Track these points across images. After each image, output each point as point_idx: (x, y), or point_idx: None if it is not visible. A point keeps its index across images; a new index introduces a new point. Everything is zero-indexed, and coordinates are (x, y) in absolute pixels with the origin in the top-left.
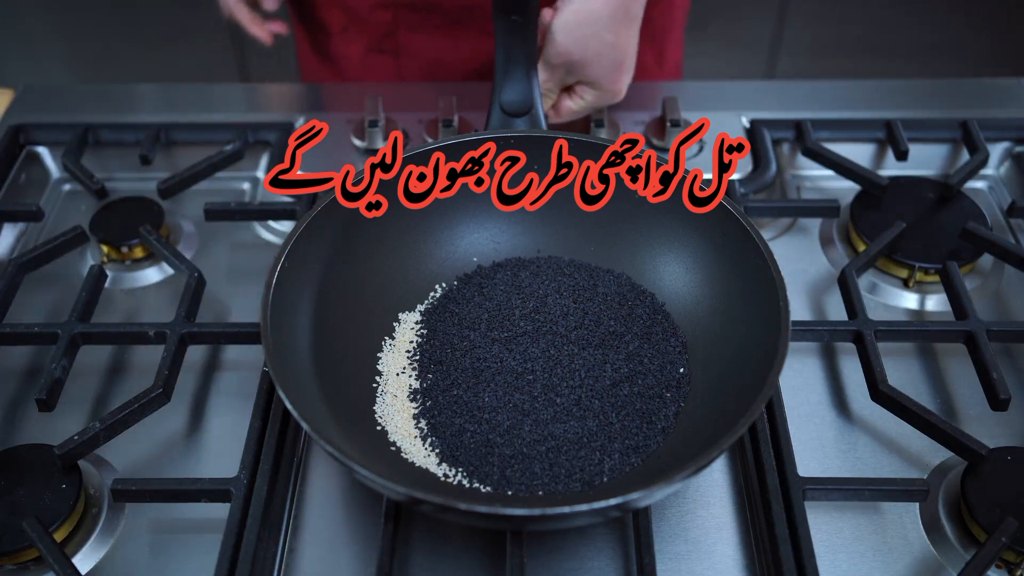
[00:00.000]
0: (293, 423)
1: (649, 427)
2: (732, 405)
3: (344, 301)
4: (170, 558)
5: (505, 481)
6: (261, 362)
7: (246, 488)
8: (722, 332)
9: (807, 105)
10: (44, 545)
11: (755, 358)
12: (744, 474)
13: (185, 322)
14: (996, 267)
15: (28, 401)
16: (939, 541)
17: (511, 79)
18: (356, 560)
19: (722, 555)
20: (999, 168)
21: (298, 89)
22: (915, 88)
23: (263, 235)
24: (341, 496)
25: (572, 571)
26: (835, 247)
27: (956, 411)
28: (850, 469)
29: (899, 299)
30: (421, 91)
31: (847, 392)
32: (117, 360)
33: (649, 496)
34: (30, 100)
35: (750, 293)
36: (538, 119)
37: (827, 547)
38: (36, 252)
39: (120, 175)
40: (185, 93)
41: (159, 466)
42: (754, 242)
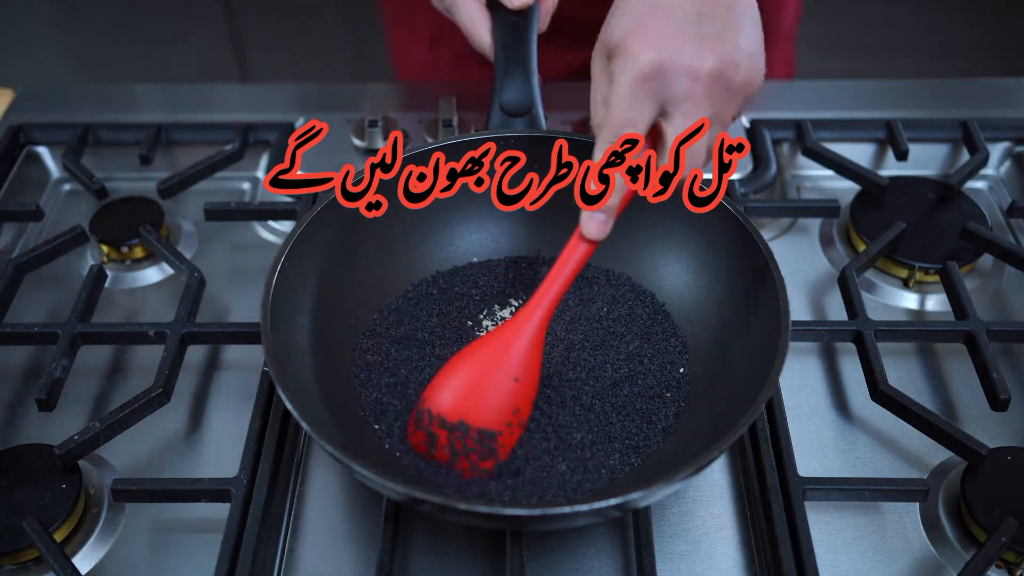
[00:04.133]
0: (293, 423)
1: (649, 427)
2: (732, 405)
3: (344, 301)
4: (170, 558)
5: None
6: (261, 362)
7: (246, 488)
8: (722, 332)
9: (807, 105)
10: (44, 545)
11: (755, 358)
12: (744, 474)
13: (185, 322)
14: (996, 267)
15: (28, 401)
16: (939, 541)
17: (511, 79)
18: (356, 560)
19: (722, 555)
20: (999, 168)
21: (298, 89)
22: (915, 88)
23: (263, 235)
24: (341, 496)
25: (572, 571)
26: (835, 247)
27: (956, 411)
28: (850, 469)
29: (899, 299)
30: (421, 91)
31: (847, 392)
32: (117, 360)
33: (649, 496)
34: (30, 100)
35: (750, 293)
36: (538, 119)
37: (827, 547)
38: (36, 252)
39: (120, 175)
40: (185, 93)
41: (159, 466)
42: (754, 242)
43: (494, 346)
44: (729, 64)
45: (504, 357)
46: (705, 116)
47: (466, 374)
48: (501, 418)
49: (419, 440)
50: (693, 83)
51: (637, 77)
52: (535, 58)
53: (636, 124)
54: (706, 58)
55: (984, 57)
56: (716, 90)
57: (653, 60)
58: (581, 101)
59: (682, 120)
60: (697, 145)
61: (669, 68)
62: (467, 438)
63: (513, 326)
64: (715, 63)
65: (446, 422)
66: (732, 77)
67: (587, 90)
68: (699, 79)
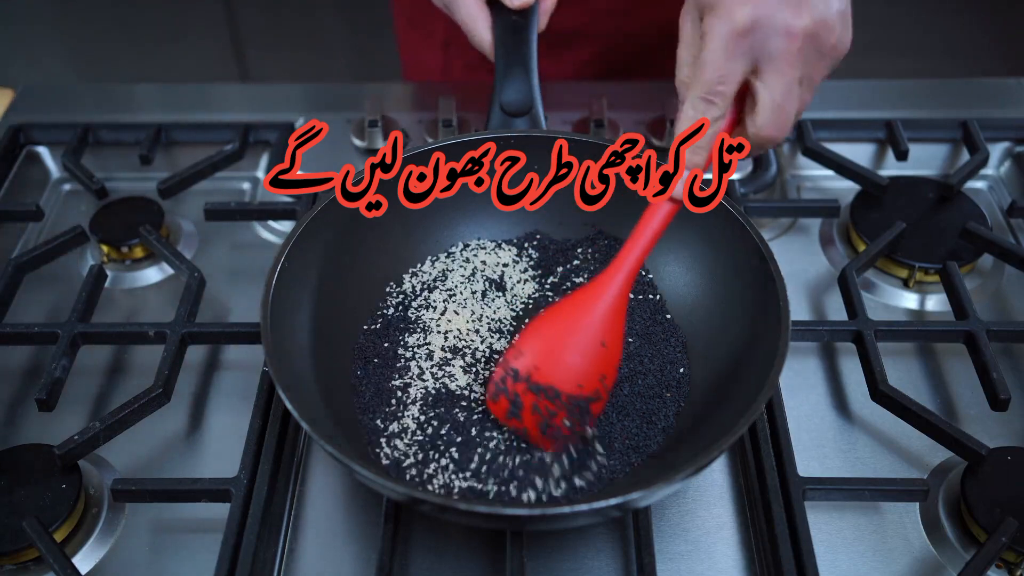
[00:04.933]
0: (293, 423)
1: (649, 427)
2: (732, 405)
3: (344, 301)
4: (170, 558)
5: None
6: (261, 362)
7: (246, 488)
8: (722, 332)
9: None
10: (44, 545)
11: (755, 358)
12: (744, 474)
13: (185, 322)
14: (996, 267)
15: (28, 401)
16: (939, 541)
17: (511, 79)
18: (356, 560)
19: (722, 555)
20: (999, 168)
21: (298, 89)
22: (915, 88)
23: (263, 235)
24: (341, 496)
25: (572, 571)
26: (835, 247)
27: (956, 411)
28: (850, 469)
29: (899, 299)
30: (421, 91)
31: (847, 392)
32: (117, 360)
33: (649, 496)
34: (30, 100)
35: (750, 293)
36: (538, 119)
37: (827, 547)
38: (36, 252)
39: (120, 175)
40: (185, 93)
41: (159, 466)
42: (754, 242)
43: (579, 310)
44: (824, 25)
45: (589, 321)
46: (798, 75)
47: (553, 337)
48: (589, 385)
49: (502, 407)
50: (789, 41)
51: (733, 32)
52: (535, 58)
53: (727, 81)
54: (803, 16)
55: (984, 57)
56: (809, 50)
57: (749, 15)
58: (581, 101)
59: (775, 78)
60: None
61: (766, 24)
62: (557, 402)
63: (596, 289)
64: (811, 22)
65: (538, 385)
66: (826, 38)
67: (587, 90)
68: (795, 37)
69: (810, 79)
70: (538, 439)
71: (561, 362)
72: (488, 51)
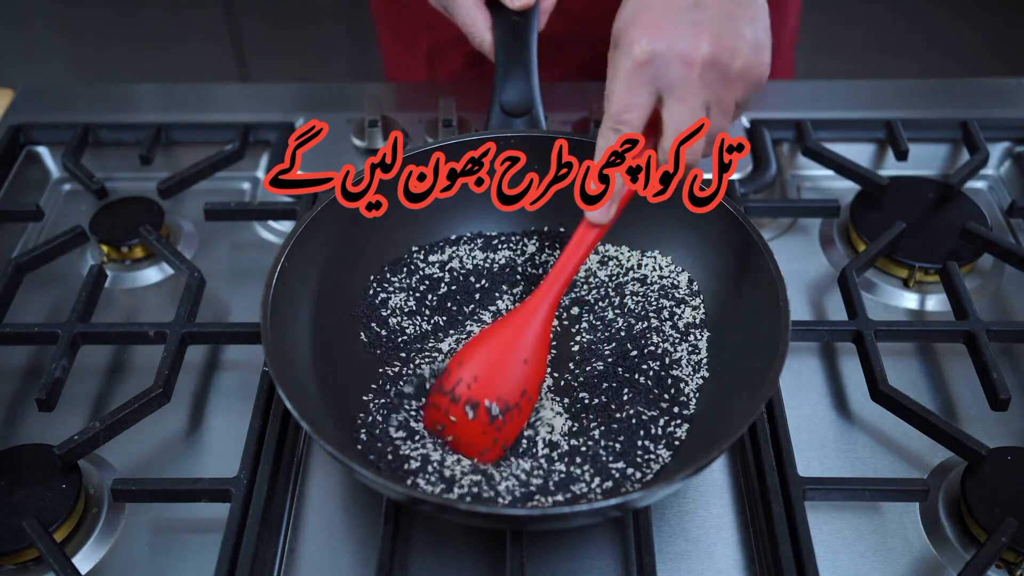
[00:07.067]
0: (293, 423)
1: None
2: (732, 405)
3: (344, 301)
4: (170, 558)
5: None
6: (261, 362)
7: (246, 488)
8: (722, 332)
9: (807, 105)
10: (44, 545)
11: (755, 358)
12: (744, 474)
13: (185, 322)
14: (996, 267)
15: (28, 401)
16: (939, 541)
17: (511, 79)
18: (356, 560)
19: (722, 555)
20: (999, 168)
21: (298, 89)
22: (915, 88)
23: (263, 235)
24: (341, 496)
25: (572, 571)
26: (835, 247)
27: (956, 411)
28: (850, 469)
29: (899, 299)
30: (423, 91)
31: (847, 392)
32: (117, 360)
33: (649, 496)
34: (30, 100)
35: (750, 293)
36: (538, 119)
37: (827, 547)
38: (36, 252)
39: (120, 175)
40: (185, 93)
41: (159, 466)
42: (754, 242)
43: (505, 330)
44: (726, 51)
45: (515, 340)
46: (701, 102)
47: (480, 354)
48: (510, 398)
49: (432, 419)
50: (687, 69)
51: (633, 65)
52: (535, 58)
53: (632, 111)
54: (701, 45)
55: (984, 57)
56: (711, 76)
57: (647, 48)
58: (581, 101)
59: (677, 105)
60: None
61: (664, 55)
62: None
63: (523, 312)
64: (710, 50)
65: (459, 398)
66: (729, 64)
67: (587, 90)
68: (693, 65)
69: (722, 103)
70: (465, 449)
71: (485, 378)
72: (488, 52)
